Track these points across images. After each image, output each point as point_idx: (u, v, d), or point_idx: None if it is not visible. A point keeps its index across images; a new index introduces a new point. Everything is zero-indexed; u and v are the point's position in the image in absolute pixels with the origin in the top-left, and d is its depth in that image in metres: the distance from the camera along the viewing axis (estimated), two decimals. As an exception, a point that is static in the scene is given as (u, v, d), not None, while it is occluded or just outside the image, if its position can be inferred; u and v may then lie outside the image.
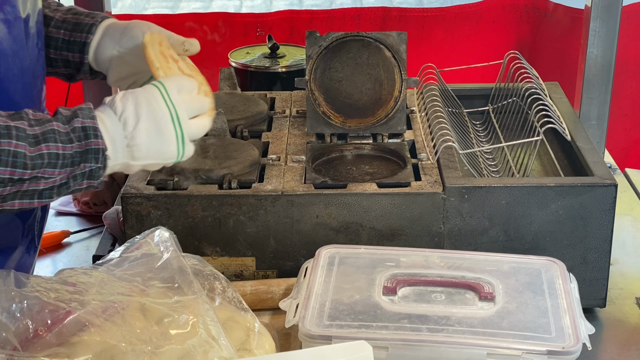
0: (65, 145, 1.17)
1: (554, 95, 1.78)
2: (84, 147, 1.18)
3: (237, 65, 2.11)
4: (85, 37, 1.41)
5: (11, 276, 1.11)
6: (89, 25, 1.42)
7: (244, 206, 1.46)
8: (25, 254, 1.40)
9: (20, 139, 1.14)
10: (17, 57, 1.27)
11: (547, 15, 2.70)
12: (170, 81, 1.26)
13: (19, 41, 1.27)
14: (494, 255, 1.40)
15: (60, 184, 1.19)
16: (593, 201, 1.44)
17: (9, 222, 1.34)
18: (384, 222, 1.46)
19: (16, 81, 1.28)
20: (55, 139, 1.17)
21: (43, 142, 1.16)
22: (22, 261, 1.40)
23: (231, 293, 1.21)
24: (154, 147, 1.23)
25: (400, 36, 1.63)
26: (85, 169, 1.19)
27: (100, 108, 1.23)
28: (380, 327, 1.23)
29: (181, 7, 3.06)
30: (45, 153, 1.15)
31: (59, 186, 1.19)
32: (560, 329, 1.23)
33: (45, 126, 1.17)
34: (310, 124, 1.66)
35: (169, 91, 1.24)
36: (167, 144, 1.24)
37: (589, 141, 1.61)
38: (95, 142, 1.19)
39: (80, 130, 1.18)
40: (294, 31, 2.72)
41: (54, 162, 1.16)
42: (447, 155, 1.54)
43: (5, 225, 1.34)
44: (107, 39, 1.41)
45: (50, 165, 1.16)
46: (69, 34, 1.42)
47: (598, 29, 1.92)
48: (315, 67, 1.65)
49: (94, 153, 1.19)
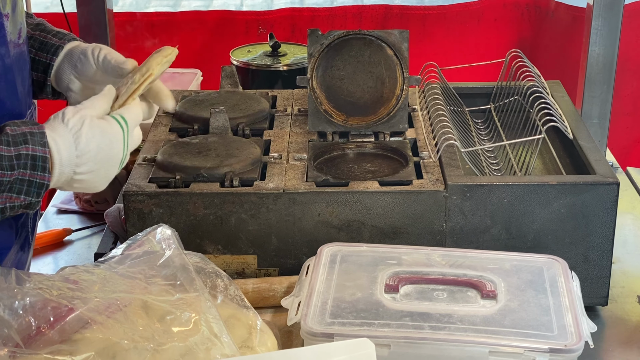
0: (4, 172, 1.13)
1: (555, 94, 1.78)
2: (27, 177, 1.15)
3: (239, 64, 2.11)
4: (49, 59, 1.39)
5: (12, 274, 1.11)
6: (55, 46, 1.40)
7: (245, 204, 1.46)
8: (20, 252, 1.39)
9: None
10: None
11: (549, 13, 2.70)
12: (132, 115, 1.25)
13: (0, 37, 1.25)
14: (495, 253, 1.40)
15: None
16: (595, 199, 1.44)
17: (1, 222, 1.33)
18: (386, 220, 1.46)
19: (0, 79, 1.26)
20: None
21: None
22: (17, 259, 1.39)
23: (233, 291, 1.21)
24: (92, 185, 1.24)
25: (402, 34, 1.63)
26: (25, 202, 1.17)
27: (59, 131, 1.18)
28: (382, 325, 1.23)
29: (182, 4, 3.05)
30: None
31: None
32: (562, 327, 1.23)
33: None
34: (312, 122, 1.66)
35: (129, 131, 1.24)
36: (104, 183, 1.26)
37: (590, 139, 1.61)
38: (41, 176, 1.16)
39: (28, 158, 1.15)
40: (296, 29, 2.72)
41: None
42: (449, 153, 1.54)
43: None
44: (65, 62, 1.39)
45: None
46: (35, 52, 1.40)
47: (600, 28, 1.92)
48: (317, 65, 1.65)
49: (37, 187, 1.16)
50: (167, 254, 1.19)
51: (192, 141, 1.61)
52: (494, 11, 2.74)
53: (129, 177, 1.52)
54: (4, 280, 1.10)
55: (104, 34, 2.06)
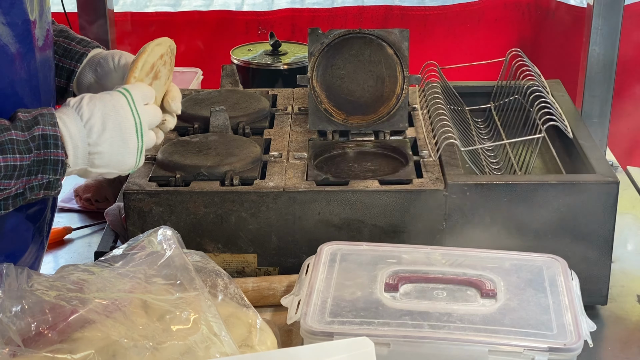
0: (22, 156, 1.15)
1: (555, 93, 1.78)
2: (42, 156, 1.17)
3: (239, 63, 2.11)
4: (73, 66, 1.43)
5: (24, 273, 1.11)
6: (79, 53, 1.43)
7: (245, 203, 1.46)
8: (34, 254, 1.41)
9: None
10: (24, 61, 1.27)
11: (549, 13, 2.69)
12: (137, 90, 1.26)
13: (27, 44, 1.27)
14: (495, 252, 1.40)
15: (16, 194, 1.18)
16: (595, 199, 1.44)
17: (19, 224, 1.34)
18: (386, 219, 1.46)
19: (24, 85, 1.28)
20: (12, 150, 1.15)
21: (0, 154, 1.14)
22: (31, 262, 1.40)
23: (233, 289, 1.21)
24: (115, 157, 1.23)
25: (402, 33, 1.63)
26: (43, 180, 1.18)
27: (64, 111, 1.21)
28: (382, 323, 1.23)
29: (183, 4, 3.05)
30: (2, 165, 1.14)
31: (15, 196, 1.18)
32: (561, 326, 1.23)
33: (3, 135, 1.15)
34: (312, 121, 1.66)
35: (135, 101, 1.24)
36: (129, 155, 1.24)
37: (590, 139, 1.61)
38: (55, 152, 1.18)
39: (40, 138, 1.17)
40: (296, 29, 2.72)
41: (11, 173, 1.15)
42: (449, 152, 1.54)
43: (16, 227, 1.34)
44: (87, 67, 1.43)
45: (6, 177, 1.14)
46: (58, 58, 1.43)
47: (600, 27, 1.92)
48: (317, 64, 1.65)
49: (53, 164, 1.18)
50: (168, 253, 1.20)
51: (192, 140, 1.61)
52: (495, 11, 2.73)
53: (129, 175, 1.52)
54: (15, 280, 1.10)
55: (105, 34, 2.06)
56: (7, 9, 1.22)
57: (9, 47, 1.23)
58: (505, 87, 1.81)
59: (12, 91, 1.26)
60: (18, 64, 1.26)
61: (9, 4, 1.23)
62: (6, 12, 1.22)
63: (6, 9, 1.22)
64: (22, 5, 1.25)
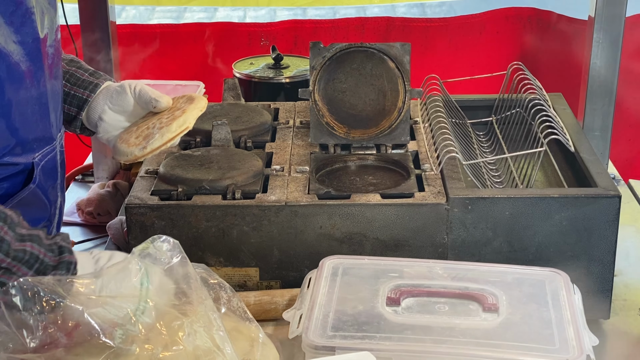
0: (46, 253, 1.17)
1: (557, 106, 1.79)
2: (57, 261, 1.18)
3: (241, 76, 2.11)
4: (87, 95, 1.46)
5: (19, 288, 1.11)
6: (93, 84, 1.46)
7: (247, 217, 1.46)
8: None
9: (11, 228, 1.14)
10: (35, 78, 1.28)
11: (551, 26, 2.70)
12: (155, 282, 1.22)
13: (37, 62, 1.28)
14: (497, 266, 1.40)
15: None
16: (597, 212, 1.44)
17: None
18: (388, 232, 1.46)
19: (34, 102, 1.29)
20: (39, 243, 1.16)
21: (28, 241, 1.15)
22: None
23: (236, 303, 1.21)
24: None
25: (403, 47, 1.64)
26: None
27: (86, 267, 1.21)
28: (384, 338, 1.23)
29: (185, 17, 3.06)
30: (28, 251, 1.15)
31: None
32: (564, 340, 1.22)
33: (32, 231, 1.17)
34: (314, 135, 1.66)
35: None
36: None
37: (592, 152, 1.61)
38: (69, 256, 1.19)
39: (57, 247, 1.19)
40: (298, 40, 2.73)
41: (32, 262, 1.16)
42: (451, 166, 1.55)
43: None
44: (100, 96, 1.45)
45: (27, 264, 1.16)
46: (70, 86, 1.46)
47: (601, 40, 1.92)
48: (319, 78, 1.65)
49: (67, 265, 1.19)
50: (175, 260, 1.20)
51: (194, 153, 1.61)
52: (496, 23, 2.74)
53: (131, 189, 1.52)
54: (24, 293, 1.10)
55: (107, 47, 2.06)
56: (19, 27, 1.23)
57: (19, 65, 1.24)
58: (507, 100, 1.82)
59: (22, 109, 1.27)
60: (28, 81, 1.27)
61: (20, 22, 1.23)
62: (17, 31, 1.23)
63: (17, 27, 1.23)
64: (33, 24, 1.26)
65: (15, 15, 1.23)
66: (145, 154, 1.37)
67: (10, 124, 1.26)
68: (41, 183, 1.36)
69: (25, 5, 1.24)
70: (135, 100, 1.43)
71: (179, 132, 1.38)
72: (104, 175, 2.09)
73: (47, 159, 1.37)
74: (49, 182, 1.39)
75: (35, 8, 1.27)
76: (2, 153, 1.28)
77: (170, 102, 1.43)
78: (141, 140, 1.38)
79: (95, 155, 2.11)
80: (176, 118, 1.39)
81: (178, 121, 1.39)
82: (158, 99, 1.42)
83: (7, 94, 1.24)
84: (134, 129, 1.42)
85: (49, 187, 1.39)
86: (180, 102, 1.44)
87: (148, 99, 1.42)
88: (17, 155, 1.31)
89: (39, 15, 1.28)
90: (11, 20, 1.22)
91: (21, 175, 1.34)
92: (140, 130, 1.41)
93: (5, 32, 1.21)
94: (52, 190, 1.40)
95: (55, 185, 1.42)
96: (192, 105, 1.41)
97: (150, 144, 1.37)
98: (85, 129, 1.48)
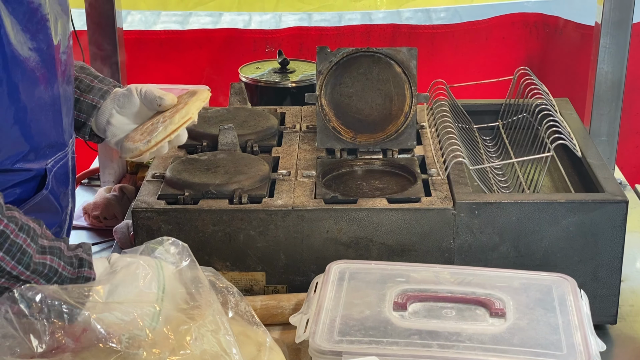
0: (65, 266, 1.17)
1: (564, 111, 1.78)
2: (76, 274, 1.18)
3: (247, 80, 2.12)
4: (96, 102, 1.46)
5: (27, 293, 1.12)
6: (102, 90, 1.47)
7: (254, 221, 1.46)
8: None
9: (33, 240, 1.15)
10: (49, 85, 1.28)
11: (557, 31, 2.70)
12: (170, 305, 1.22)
13: (51, 68, 1.28)
14: (504, 271, 1.40)
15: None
16: (604, 218, 1.43)
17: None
18: (394, 237, 1.46)
19: (48, 109, 1.30)
20: (59, 256, 1.17)
21: (49, 254, 1.16)
22: None
23: (244, 307, 1.21)
24: None
25: (410, 52, 1.64)
26: None
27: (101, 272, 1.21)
28: (391, 343, 1.23)
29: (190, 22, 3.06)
30: (48, 264, 1.16)
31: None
32: (571, 345, 1.22)
33: (54, 242, 1.18)
34: (321, 139, 1.66)
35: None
36: None
37: (599, 157, 1.60)
38: (88, 271, 1.19)
39: (77, 260, 1.19)
40: (303, 47, 2.73)
41: (51, 276, 1.16)
42: (457, 170, 1.54)
43: None
44: (108, 101, 1.46)
45: (46, 277, 1.16)
46: (79, 93, 1.46)
47: (608, 45, 1.92)
48: (325, 83, 1.65)
49: (84, 280, 1.19)
50: (184, 264, 1.20)
51: (200, 158, 1.61)
52: (502, 29, 2.74)
53: (137, 193, 1.52)
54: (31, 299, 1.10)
55: (114, 52, 2.07)
56: (34, 33, 1.24)
57: (34, 72, 1.25)
58: (514, 105, 1.81)
59: (36, 115, 1.27)
60: (43, 87, 1.27)
61: (35, 29, 1.24)
62: (33, 37, 1.24)
63: (33, 34, 1.24)
64: (48, 31, 1.26)
65: (31, 22, 1.23)
66: (150, 147, 1.37)
67: (24, 130, 1.27)
68: (54, 189, 1.37)
69: (41, 13, 1.25)
70: (141, 101, 1.44)
71: (182, 124, 1.38)
72: (110, 179, 2.10)
73: (59, 165, 1.38)
74: (61, 188, 1.39)
75: (50, 15, 1.27)
76: (15, 159, 1.29)
77: (174, 100, 1.43)
78: (146, 135, 1.38)
79: (101, 159, 2.11)
80: (179, 110, 1.39)
81: (180, 113, 1.38)
82: (163, 97, 1.42)
83: (22, 100, 1.24)
84: (140, 127, 1.43)
85: (61, 193, 1.40)
86: (184, 97, 1.44)
87: (153, 98, 1.42)
88: (30, 162, 1.31)
89: (53, 22, 1.28)
90: (27, 27, 1.23)
91: (34, 181, 1.34)
92: (145, 127, 1.41)
93: (21, 38, 1.22)
94: (63, 196, 1.41)
95: (66, 191, 1.42)
96: (195, 97, 1.41)
97: (154, 137, 1.36)
98: (94, 136, 1.49)
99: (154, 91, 1.43)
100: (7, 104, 1.23)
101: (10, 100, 1.23)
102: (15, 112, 1.24)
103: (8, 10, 1.19)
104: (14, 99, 1.24)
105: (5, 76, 1.21)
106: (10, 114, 1.24)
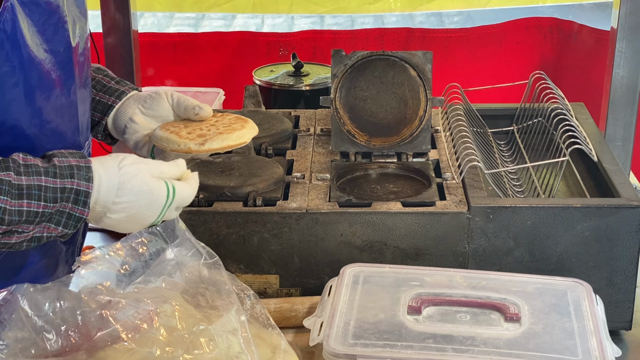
0: (47, 204, 1.16)
1: (579, 116, 1.78)
2: (67, 209, 1.17)
3: (262, 83, 2.12)
4: (112, 101, 1.46)
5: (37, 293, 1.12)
6: (119, 91, 1.47)
7: (268, 224, 1.46)
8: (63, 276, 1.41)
9: (3, 192, 1.13)
10: (65, 87, 1.28)
11: (572, 36, 2.69)
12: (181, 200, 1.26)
13: (68, 70, 1.28)
14: (519, 275, 1.39)
15: (32, 237, 1.18)
16: (619, 223, 1.43)
17: (51, 247, 1.35)
18: (409, 241, 1.46)
19: (64, 111, 1.30)
20: (39, 197, 1.15)
21: (26, 198, 1.14)
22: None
23: (259, 309, 1.21)
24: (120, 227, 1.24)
25: (425, 55, 1.63)
26: (61, 233, 1.19)
27: (110, 173, 1.20)
28: (405, 346, 1.22)
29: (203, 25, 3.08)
30: (24, 210, 1.14)
31: (30, 240, 1.18)
32: (586, 351, 1.22)
33: (33, 179, 1.15)
34: (335, 142, 1.66)
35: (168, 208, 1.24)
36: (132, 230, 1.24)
37: (615, 162, 1.60)
38: (80, 210, 1.18)
39: (72, 192, 1.17)
40: (317, 51, 2.73)
41: (32, 219, 1.15)
42: (472, 175, 1.54)
43: (48, 251, 1.34)
44: (131, 100, 1.46)
45: (27, 222, 1.15)
46: (95, 92, 1.47)
47: (624, 50, 1.91)
48: (340, 86, 1.65)
49: (75, 220, 1.18)
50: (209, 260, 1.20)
51: (215, 160, 1.61)
52: (516, 34, 2.73)
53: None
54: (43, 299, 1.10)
55: (129, 54, 2.07)
56: (51, 36, 1.24)
57: (51, 74, 1.25)
58: (529, 109, 1.81)
59: (53, 117, 1.27)
60: (59, 90, 1.27)
61: (53, 31, 1.24)
62: (49, 39, 1.23)
63: (50, 35, 1.24)
64: (66, 32, 1.26)
65: (48, 24, 1.23)
66: (201, 150, 1.37)
67: (40, 132, 1.27)
68: None
69: (59, 14, 1.25)
70: (173, 107, 1.43)
71: (237, 144, 1.38)
72: (124, 182, 2.10)
73: None
74: None
75: (68, 17, 1.27)
76: None
77: (211, 111, 1.43)
78: (195, 136, 1.37)
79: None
80: (236, 130, 1.38)
81: (239, 133, 1.38)
82: (201, 107, 1.42)
83: (38, 103, 1.24)
84: (180, 125, 1.41)
85: None
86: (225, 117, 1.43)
87: (190, 106, 1.42)
88: None
89: (71, 23, 1.28)
90: (44, 29, 1.22)
91: None
92: (190, 128, 1.39)
93: (37, 40, 1.22)
94: None
95: None
96: (250, 125, 1.41)
97: (209, 143, 1.36)
98: (107, 136, 1.49)
99: (189, 99, 1.43)
100: (23, 106, 1.23)
101: (26, 102, 1.23)
102: (31, 113, 1.25)
103: (25, 12, 1.20)
104: (30, 101, 1.24)
105: (22, 78, 1.21)
106: (26, 116, 1.24)
